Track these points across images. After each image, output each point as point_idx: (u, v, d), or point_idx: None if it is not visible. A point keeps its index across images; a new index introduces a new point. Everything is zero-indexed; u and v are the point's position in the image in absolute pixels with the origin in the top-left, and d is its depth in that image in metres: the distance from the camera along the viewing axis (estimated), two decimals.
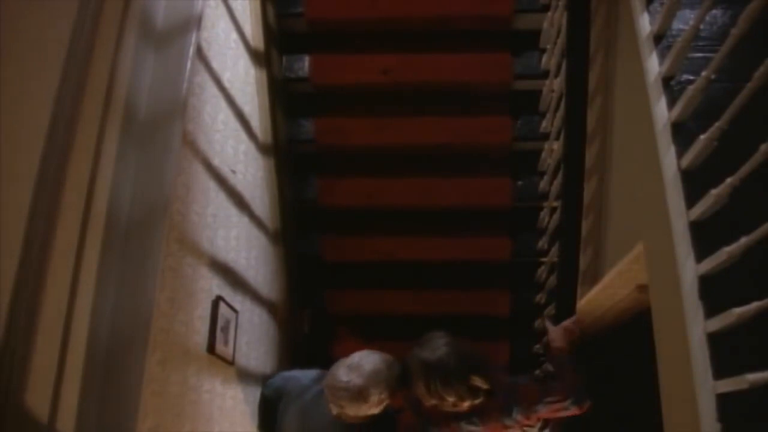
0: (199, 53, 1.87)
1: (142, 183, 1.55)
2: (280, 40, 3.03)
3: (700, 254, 1.51)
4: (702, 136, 1.52)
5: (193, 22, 1.74)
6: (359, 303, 3.51)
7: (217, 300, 2.02)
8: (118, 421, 1.39)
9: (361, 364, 2.06)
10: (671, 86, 1.77)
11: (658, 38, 1.86)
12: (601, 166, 2.50)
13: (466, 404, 1.99)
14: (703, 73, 1.55)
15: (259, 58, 2.69)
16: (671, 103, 1.73)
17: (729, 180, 1.39)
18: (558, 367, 2.14)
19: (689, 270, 1.52)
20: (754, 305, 1.26)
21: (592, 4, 2.50)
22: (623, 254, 2.11)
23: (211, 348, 1.96)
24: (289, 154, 3.15)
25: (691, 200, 1.57)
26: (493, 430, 2.04)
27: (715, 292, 1.47)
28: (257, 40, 2.68)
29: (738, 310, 1.30)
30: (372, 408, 2.05)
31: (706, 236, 1.53)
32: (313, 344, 3.36)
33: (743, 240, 1.32)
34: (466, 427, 2.03)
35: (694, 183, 1.59)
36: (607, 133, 2.47)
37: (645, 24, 1.90)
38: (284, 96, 3.08)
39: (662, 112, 1.74)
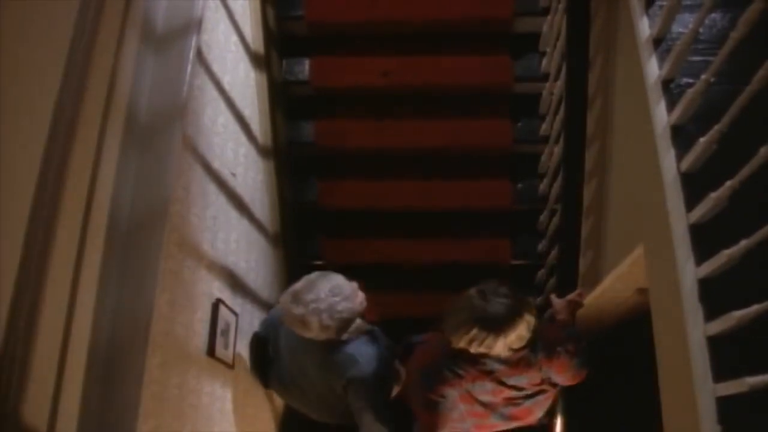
0: (200, 56, 1.87)
1: (142, 185, 1.55)
2: (280, 43, 3.03)
3: (700, 257, 1.51)
4: (701, 139, 1.52)
5: (194, 25, 1.74)
6: None
7: (217, 303, 2.02)
8: (119, 423, 1.39)
9: (301, 293, 2.06)
10: (671, 89, 1.78)
11: (658, 41, 1.86)
12: (601, 168, 2.51)
13: (501, 354, 1.94)
14: (703, 76, 1.55)
15: (259, 61, 2.69)
16: (671, 106, 1.73)
17: (729, 183, 1.40)
18: None
19: (689, 273, 1.52)
20: (754, 308, 1.27)
21: (591, 7, 2.50)
22: (623, 257, 2.12)
23: (211, 351, 1.96)
24: (289, 156, 3.15)
25: (690, 203, 1.57)
26: (518, 369, 1.99)
27: (714, 295, 1.47)
28: (257, 43, 2.68)
29: (738, 313, 1.30)
30: (320, 334, 2.06)
31: (705, 239, 1.53)
32: None
33: (743, 243, 1.32)
34: (491, 364, 1.97)
35: (694, 186, 1.60)
36: (606, 135, 2.47)
37: (644, 27, 1.91)
38: (284, 99, 3.09)
39: (662, 115, 1.74)
